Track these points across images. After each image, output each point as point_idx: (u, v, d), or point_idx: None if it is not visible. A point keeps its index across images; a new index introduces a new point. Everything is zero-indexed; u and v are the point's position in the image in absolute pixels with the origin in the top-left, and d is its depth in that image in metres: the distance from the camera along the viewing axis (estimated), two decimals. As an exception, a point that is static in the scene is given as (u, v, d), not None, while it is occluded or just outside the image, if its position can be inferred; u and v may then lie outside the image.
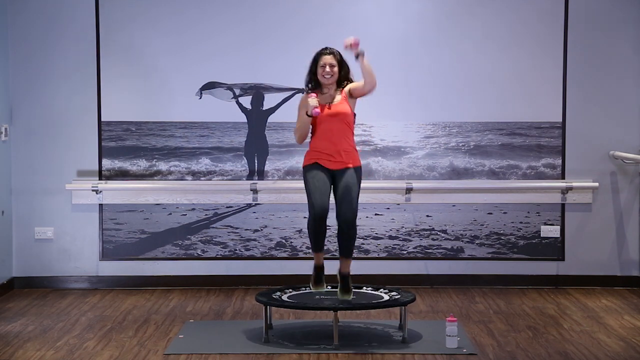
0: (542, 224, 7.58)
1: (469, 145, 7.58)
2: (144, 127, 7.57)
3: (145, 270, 7.58)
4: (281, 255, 7.59)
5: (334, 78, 5.81)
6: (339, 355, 5.57)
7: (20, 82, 7.50)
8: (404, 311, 5.88)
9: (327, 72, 5.78)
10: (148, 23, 7.49)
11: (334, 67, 5.79)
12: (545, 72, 7.52)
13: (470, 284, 7.55)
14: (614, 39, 7.50)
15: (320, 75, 5.80)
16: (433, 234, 7.60)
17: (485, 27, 7.51)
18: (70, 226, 7.56)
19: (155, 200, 7.55)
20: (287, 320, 6.44)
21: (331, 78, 5.80)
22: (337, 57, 5.82)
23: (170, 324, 6.40)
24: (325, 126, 5.78)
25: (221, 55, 7.50)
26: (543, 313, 6.70)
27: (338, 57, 5.82)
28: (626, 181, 7.57)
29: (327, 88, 5.84)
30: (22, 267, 7.58)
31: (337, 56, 5.82)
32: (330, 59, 5.80)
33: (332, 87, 5.83)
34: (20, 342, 5.91)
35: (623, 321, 6.45)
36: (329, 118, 5.77)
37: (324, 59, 5.81)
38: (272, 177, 7.56)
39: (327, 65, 5.78)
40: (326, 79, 5.79)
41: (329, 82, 5.81)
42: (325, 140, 5.79)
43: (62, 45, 7.49)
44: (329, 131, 5.78)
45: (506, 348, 5.75)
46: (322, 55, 5.83)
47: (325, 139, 5.79)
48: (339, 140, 5.78)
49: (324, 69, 5.78)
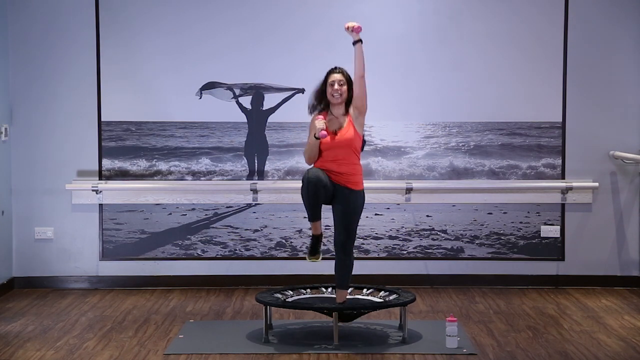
0: (542, 224, 7.58)
1: (469, 145, 7.58)
2: (144, 127, 7.57)
3: (145, 270, 7.59)
4: (281, 255, 7.59)
5: (343, 97, 5.76)
6: (339, 355, 5.57)
7: (20, 82, 7.50)
8: (404, 311, 5.88)
9: (336, 89, 5.73)
10: (148, 23, 7.48)
11: (342, 86, 5.74)
12: (545, 72, 7.53)
13: (470, 284, 7.55)
14: (614, 39, 7.51)
15: (329, 95, 5.77)
16: (433, 234, 7.60)
17: (486, 27, 7.50)
18: (70, 226, 7.56)
19: (155, 200, 7.55)
20: (287, 320, 6.44)
21: (340, 97, 5.75)
22: (346, 76, 5.77)
23: (170, 324, 6.40)
24: (330, 152, 5.76)
25: (221, 55, 7.50)
26: (543, 313, 6.70)
27: (347, 76, 5.78)
28: (626, 181, 7.57)
29: (336, 109, 5.79)
30: (22, 267, 7.58)
31: (347, 75, 5.78)
32: (340, 77, 5.76)
33: (341, 109, 5.79)
34: (20, 342, 5.91)
35: (623, 321, 6.45)
36: (335, 146, 5.74)
37: (333, 77, 5.77)
38: (272, 177, 7.56)
39: (336, 82, 5.74)
40: (335, 98, 5.75)
41: (338, 101, 5.76)
42: (329, 161, 5.76)
43: (62, 45, 7.49)
44: (334, 157, 5.76)
45: (506, 348, 5.75)
46: (331, 74, 5.79)
47: (329, 160, 5.76)
48: (344, 165, 5.74)
49: (332, 87, 5.74)
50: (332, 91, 5.75)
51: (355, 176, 5.78)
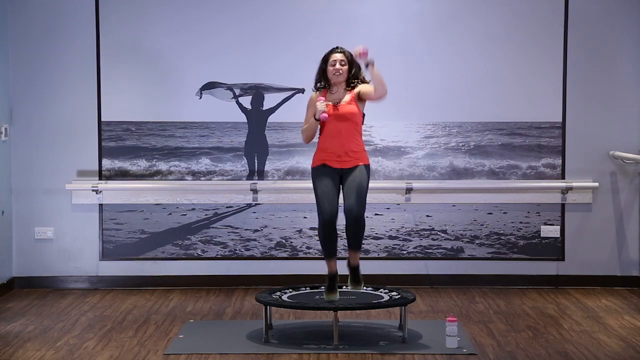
0: (542, 224, 7.58)
1: (469, 145, 7.58)
2: (144, 127, 7.57)
3: (145, 270, 7.58)
4: (281, 255, 7.59)
5: (344, 77, 5.80)
6: (339, 355, 5.57)
7: (20, 82, 7.50)
8: (404, 311, 5.88)
9: (337, 69, 5.77)
10: (148, 23, 7.48)
11: (344, 66, 5.78)
12: (545, 72, 7.53)
13: (470, 284, 7.55)
14: (614, 39, 7.51)
15: (330, 73, 5.80)
16: (433, 234, 7.60)
17: (486, 27, 7.50)
18: (70, 226, 7.56)
19: (155, 200, 7.55)
20: (287, 320, 6.44)
21: (341, 76, 5.79)
22: (347, 56, 5.81)
23: (170, 324, 6.40)
24: (332, 126, 5.77)
25: (221, 55, 7.50)
26: (543, 313, 6.70)
27: (348, 56, 5.81)
28: (626, 181, 7.57)
29: (336, 87, 5.82)
30: (22, 267, 7.58)
31: (348, 55, 5.81)
32: (341, 57, 5.79)
33: (341, 86, 5.82)
34: (20, 342, 5.91)
35: (623, 321, 6.45)
36: (336, 118, 5.76)
37: (334, 56, 5.80)
38: (272, 177, 7.56)
39: (338, 62, 5.78)
40: (336, 76, 5.79)
41: (339, 80, 5.80)
42: (333, 141, 5.77)
43: (62, 45, 7.49)
44: (336, 131, 5.76)
45: (506, 348, 5.75)
46: (332, 53, 5.82)
47: (333, 139, 5.77)
48: (346, 141, 5.76)
49: (334, 66, 5.78)
50: (333, 70, 5.78)
51: (360, 153, 5.80)
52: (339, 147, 5.76)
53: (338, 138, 5.76)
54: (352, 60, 5.81)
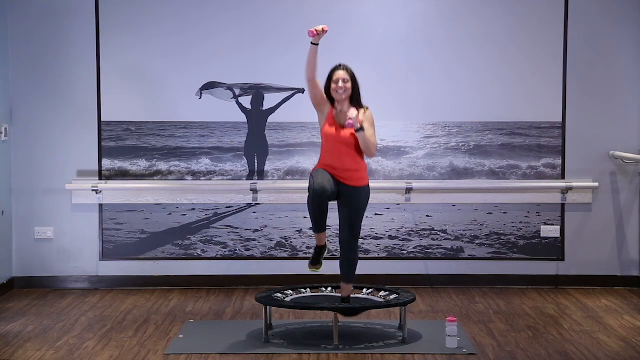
0: (542, 224, 7.58)
1: (469, 145, 7.58)
2: (144, 127, 7.57)
3: (145, 270, 7.58)
4: (281, 255, 7.59)
5: (347, 94, 5.79)
6: (339, 355, 5.58)
7: (20, 82, 7.50)
8: (404, 311, 5.88)
9: (340, 87, 5.76)
10: (148, 23, 7.48)
11: (347, 83, 5.78)
12: (545, 72, 7.53)
13: (470, 284, 7.55)
14: (614, 39, 7.51)
15: (333, 91, 5.79)
16: (433, 234, 7.60)
17: (486, 27, 7.50)
18: (70, 226, 7.56)
19: (155, 200, 7.55)
20: (287, 320, 6.44)
21: (344, 94, 5.78)
22: (349, 73, 5.81)
23: (170, 324, 6.40)
24: (333, 145, 5.79)
25: (221, 55, 7.50)
26: (543, 313, 6.70)
27: (351, 73, 5.81)
28: (626, 181, 7.57)
29: (341, 105, 5.80)
30: (22, 267, 7.58)
31: (350, 72, 5.81)
32: (344, 75, 5.79)
33: (346, 104, 5.80)
34: (20, 342, 5.91)
35: (623, 321, 6.45)
36: (337, 140, 5.77)
37: (337, 74, 5.80)
38: (272, 177, 7.56)
39: (340, 80, 5.77)
40: (339, 94, 5.78)
41: (342, 97, 5.78)
42: (334, 159, 5.78)
43: (62, 45, 7.49)
44: (337, 150, 5.78)
45: (506, 348, 5.75)
46: (335, 71, 5.82)
47: (334, 158, 5.78)
48: (346, 160, 5.77)
49: (337, 84, 5.77)
50: (336, 88, 5.78)
51: (359, 172, 5.81)
52: (337, 164, 5.78)
53: (339, 158, 5.78)
54: (354, 77, 5.81)
